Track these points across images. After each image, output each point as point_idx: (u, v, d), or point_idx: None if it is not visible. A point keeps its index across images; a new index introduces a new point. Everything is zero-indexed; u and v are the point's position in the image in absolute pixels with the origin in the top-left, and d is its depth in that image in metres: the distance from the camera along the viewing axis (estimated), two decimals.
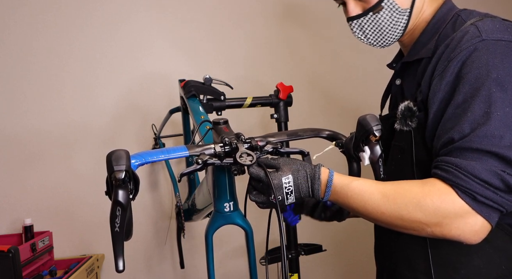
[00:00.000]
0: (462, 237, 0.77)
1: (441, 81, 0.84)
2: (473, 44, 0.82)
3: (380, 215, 0.80)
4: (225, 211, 0.91)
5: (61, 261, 1.79)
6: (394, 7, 0.94)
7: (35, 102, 1.87)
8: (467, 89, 0.80)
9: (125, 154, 0.67)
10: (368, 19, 0.98)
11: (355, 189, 0.82)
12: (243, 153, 0.78)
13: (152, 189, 2.00)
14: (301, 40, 2.20)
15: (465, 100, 0.80)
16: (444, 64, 0.85)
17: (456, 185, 0.76)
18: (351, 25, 1.01)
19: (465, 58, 0.82)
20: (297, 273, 1.70)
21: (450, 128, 0.80)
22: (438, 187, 0.78)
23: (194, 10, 2.05)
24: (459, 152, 0.78)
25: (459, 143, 0.78)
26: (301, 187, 0.82)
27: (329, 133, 0.93)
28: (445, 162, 0.79)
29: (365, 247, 2.20)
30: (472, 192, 0.75)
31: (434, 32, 0.96)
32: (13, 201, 1.84)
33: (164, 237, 2.00)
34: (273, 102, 1.65)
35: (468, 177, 0.75)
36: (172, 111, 1.80)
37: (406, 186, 0.80)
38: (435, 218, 0.76)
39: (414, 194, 0.78)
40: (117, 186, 0.66)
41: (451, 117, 0.81)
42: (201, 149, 0.81)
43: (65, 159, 1.89)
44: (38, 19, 1.88)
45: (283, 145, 0.87)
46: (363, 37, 1.02)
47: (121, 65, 1.96)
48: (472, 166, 0.75)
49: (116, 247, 0.67)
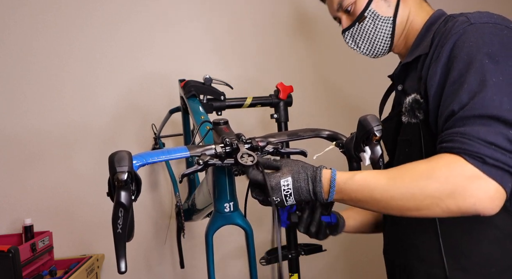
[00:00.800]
0: (478, 205, 0.73)
1: (436, 65, 0.88)
2: (462, 28, 0.86)
3: (390, 200, 0.77)
4: (225, 212, 0.91)
5: (61, 261, 1.79)
6: (375, 15, 1.05)
7: (35, 102, 1.87)
8: (460, 66, 0.82)
9: (128, 155, 0.67)
10: (356, 29, 1.09)
11: (359, 181, 0.80)
12: (244, 154, 0.78)
13: (152, 189, 2.00)
14: (301, 40, 2.20)
15: (460, 75, 0.82)
16: (438, 51, 0.89)
17: (464, 151, 0.75)
18: (345, 38, 1.13)
19: (456, 39, 0.86)
20: (297, 273, 1.70)
21: (450, 103, 0.82)
22: (445, 159, 0.77)
23: (194, 10, 2.05)
24: (462, 122, 0.78)
25: (460, 113, 0.79)
26: (300, 190, 0.81)
27: (329, 133, 0.93)
28: (449, 133, 0.79)
29: (366, 247, 2.20)
30: (481, 155, 0.73)
31: (427, 32, 1.01)
32: (13, 201, 1.84)
33: (163, 236, 2.00)
34: (273, 102, 1.65)
35: (474, 141, 0.74)
36: (172, 111, 1.80)
37: (411, 165, 0.80)
38: (447, 189, 0.73)
39: (422, 171, 0.77)
40: (120, 187, 0.66)
41: (449, 94, 0.83)
42: (202, 149, 0.81)
43: (65, 159, 1.89)
44: (38, 19, 1.88)
45: (284, 146, 0.87)
46: (355, 47, 1.12)
47: (121, 65, 1.96)
48: (477, 130, 0.75)
49: (118, 248, 0.67)
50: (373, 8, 1.04)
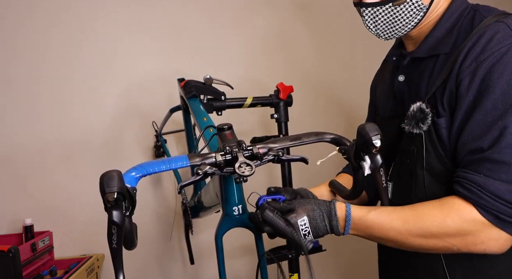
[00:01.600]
0: (487, 251, 0.78)
1: (469, 84, 0.80)
2: (505, 46, 0.77)
3: (405, 241, 0.81)
4: (234, 215, 0.91)
5: (61, 261, 1.79)
6: (417, 2, 0.86)
7: (35, 102, 1.87)
8: (497, 95, 0.76)
9: (117, 176, 0.68)
10: (385, 9, 0.88)
11: (374, 219, 0.82)
12: (242, 163, 0.78)
13: (156, 185, 2.01)
14: (302, 40, 2.20)
15: (495, 106, 0.76)
16: (473, 66, 0.80)
17: (479, 204, 0.75)
18: (363, 12, 0.91)
19: (496, 61, 0.77)
20: (297, 273, 1.70)
21: (479, 136, 0.77)
22: (457, 206, 0.78)
23: (194, 10, 2.05)
24: (487, 165, 0.76)
25: (488, 153, 0.75)
26: (318, 227, 0.82)
27: (333, 138, 0.90)
28: (468, 180, 0.77)
29: (365, 247, 2.20)
30: (495, 212, 0.74)
31: (450, 26, 0.90)
32: (13, 201, 1.84)
33: (169, 233, 2.01)
34: (273, 102, 1.65)
35: (491, 197, 0.74)
36: (172, 110, 1.80)
37: (425, 209, 0.80)
38: (459, 237, 0.77)
39: (434, 217, 0.78)
40: (111, 207, 0.67)
41: (479, 123, 0.78)
42: (202, 158, 0.80)
43: (66, 159, 1.89)
44: (38, 19, 1.88)
45: (284, 152, 0.86)
46: (372, 27, 0.93)
47: (121, 65, 1.96)
48: (496, 187, 0.74)
49: (115, 262, 0.68)
50: None
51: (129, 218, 0.72)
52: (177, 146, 2.06)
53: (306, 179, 1.76)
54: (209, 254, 2.06)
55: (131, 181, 0.73)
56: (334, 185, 1.07)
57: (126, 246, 0.74)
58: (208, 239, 2.06)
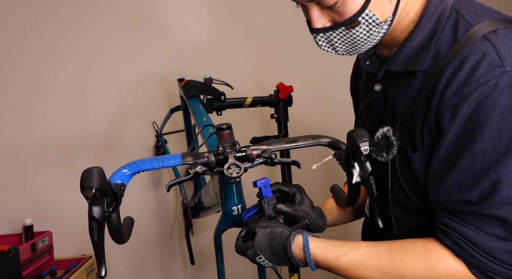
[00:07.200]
0: None
1: (451, 121, 0.68)
2: (493, 78, 0.65)
3: None
4: (234, 215, 0.91)
5: (61, 261, 1.79)
6: (373, 21, 0.73)
7: (35, 102, 1.87)
8: (486, 139, 0.65)
9: (96, 172, 0.69)
10: (339, 33, 0.77)
11: (348, 262, 0.75)
12: (231, 164, 0.78)
13: (156, 185, 2.00)
14: (302, 40, 2.20)
15: (484, 152, 0.65)
16: (454, 100, 0.67)
17: (470, 262, 0.67)
18: (316, 38, 0.83)
19: (483, 97, 0.65)
20: (297, 273, 1.70)
21: (467, 187, 0.67)
22: (445, 260, 0.69)
23: (194, 10, 2.05)
24: (478, 220, 0.66)
25: (478, 207, 0.66)
26: (277, 263, 0.82)
27: (329, 141, 0.87)
28: (457, 232, 0.67)
29: None
30: (489, 273, 0.66)
31: (427, 35, 0.76)
32: (13, 201, 1.84)
33: (169, 233, 2.01)
34: (273, 102, 1.65)
35: (484, 257, 0.66)
36: (172, 110, 1.80)
37: (406, 257, 0.71)
38: None
39: (418, 271, 0.70)
40: (90, 203, 0.69)
41: (466, 170, 0.67)
42: (195, 158, 0.80)
43: (66, 159, 1.89)
44: (38, 18, 1.88)
45: (277, 155, 0.85)
46: (331, 49, 0.84)
47: (121, 65, 1.96)
48: (490, 245, 0.65)
49: (97, 256, 0.70)
50: (371, 10, 0.72)
51: (115, 213, 0.73)
52: (178, 146, 2.06)
53: (306, 179, 1.76)
54: (210, 254, 2.06)
55: (122, 178, 0.74)
56: (334, 191, 1.01)
57: (115, 240, 0.75)
58: (208, 239, 2.06)
